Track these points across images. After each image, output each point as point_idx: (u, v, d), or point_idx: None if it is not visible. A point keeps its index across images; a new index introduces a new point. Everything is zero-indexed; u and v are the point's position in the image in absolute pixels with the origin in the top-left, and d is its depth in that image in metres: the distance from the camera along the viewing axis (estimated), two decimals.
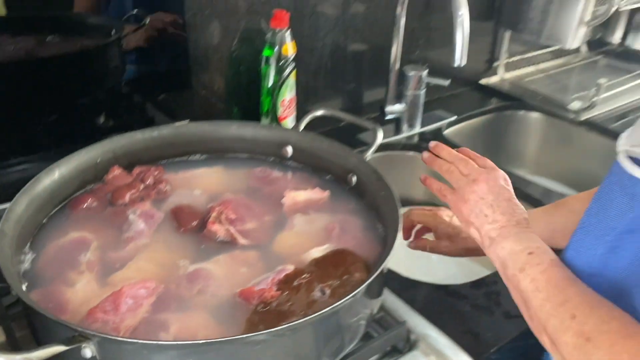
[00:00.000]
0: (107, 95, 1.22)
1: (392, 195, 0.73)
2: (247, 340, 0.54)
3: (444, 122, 1.42)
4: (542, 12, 1.46)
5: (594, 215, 0.71)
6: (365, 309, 0.67)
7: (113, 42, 1.17)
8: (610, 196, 0.69)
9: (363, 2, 1.32)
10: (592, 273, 0.69)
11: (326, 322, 0.60)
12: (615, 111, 1.55)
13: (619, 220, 0.67)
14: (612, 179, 0.70)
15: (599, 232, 0.69)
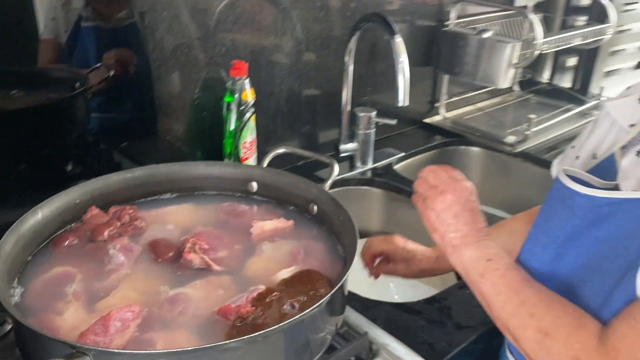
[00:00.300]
0: (74, 144, 1.27)
1: (350, 219, 0.82)
2: (226, 347, 0.61)
3: (393, 158, 1.54)
4: (475, 57, 1.61)
5: (540, 227, 0.81)
6: (330, 321, 0.75)
7: (78, 94, 1.23)
8: (553, 210, 0.79)
9: (314, 51, 1.44)
10: (542, 279, 0.77)
11: (295, 330, 0.67)
12: (546, 143, 1.71)
13: (561, 229, 0.77)
14: (553, 195, 0.80)
15: (545, 242, 0.79)
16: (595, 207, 0.73)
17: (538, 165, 1.60)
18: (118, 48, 1.23)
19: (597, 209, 0.72)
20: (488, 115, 1.85)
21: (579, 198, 0.74)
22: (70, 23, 1.18)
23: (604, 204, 0.72)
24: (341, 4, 1.44)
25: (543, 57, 2.10)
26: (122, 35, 1.23)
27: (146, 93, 1.25)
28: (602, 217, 0.72)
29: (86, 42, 1.22)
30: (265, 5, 1.31)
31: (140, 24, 1.19)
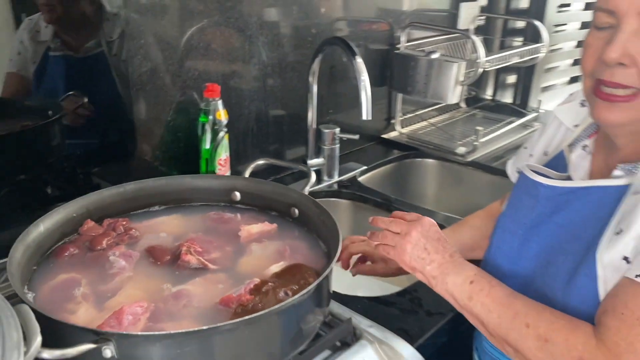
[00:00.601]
0: (52, 169, 1.31)
1: (331, 218, 0.92)
2: (231, 326, 0.69)
3: (357, 171, 1.65)
4: (425, 76, 1.75)
5: (508, 217, 0.92)
6: (318, 312, 0.83)
7: (52, 122, 1.27)
8: (519, 200, 0.90)
9: (279, 74, 1.54)
10: (511, 262, 0.89)
11: (291, 312, 0.75)
12: (493, 152, 1.86)
13: (527, 217, 0.88)
14: (519, 186, 0.92)
15: (513, 229, 0.89)
16: (556, 195, 0.84)
17: (487, 173, 1.74)
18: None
19: (557, 197, 0.84)
20: (440, 130, 2.00)
21: (542, 188, 0.85)
22: (39, 54, 1.23)
23: (563, 192, 0.84)
24: (302, 31, 1.56)
25: (486, 75, 2.28)
26: (91, 64, 1.28)
27: (121, 117, 1.31)
28: (561, 204, 0.84)
29: (55, 72, 1.26)
30: (232, 33, 1.41)
31: (108, 53, 1.26)
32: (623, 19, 0.74)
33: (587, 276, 0.76)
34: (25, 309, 0.59)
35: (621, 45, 0.73)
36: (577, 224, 0.81)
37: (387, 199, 1.51)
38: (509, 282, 0.85)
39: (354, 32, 1.74)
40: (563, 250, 0.82)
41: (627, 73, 0.75)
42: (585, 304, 0.77)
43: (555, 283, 0.81)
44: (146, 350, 0.67)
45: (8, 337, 0.53)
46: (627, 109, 0.76)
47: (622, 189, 0.77)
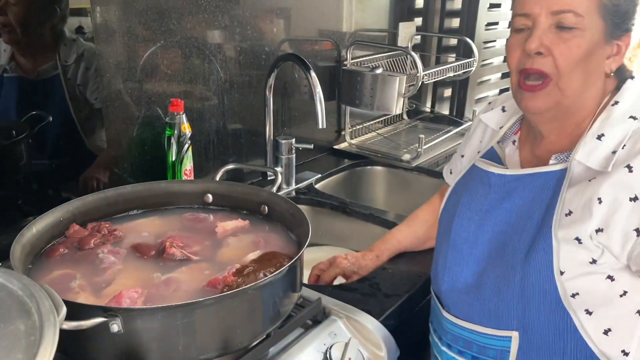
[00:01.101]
0: (20, 186, 1.36)
1: (299, 210, 1.04)
2: (225, 297, 0.80)
3: (313, 178, 1.77)
4: (370, 90, 1.90)
5: (465, 205, 1.03)
6: (292, 289, 0.94)
7: (17, 141, 1.32)
8: (474, 189, 1.03)
9: (237, 90, 1.65)
10: (470, 246, 1.02)
11: (268, 288, 0.86)
12: (435, 158, 2.04)
13: (482, 204, 1.00)
14: (473, 178, 1.04)
15: (470, 215, 1.02)
16: (505, 182, 0.98)
17: (430, 176, 1.91)
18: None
19: (506, 184, 0.97)
20: (386, 139, 2.15)
21: (493, 177, 0.99)
22: None
23: (511, 179, 0.97)
24: (257, 49, 1.68)
25: (425, 89, 2.47)
26: (45, 87, 1.31)
27: (74, 138, 1.36)
28: (510, 190, 0.97)
29: (9, 93, 1.28)
30: (193, 52, 1.51)
31: (63, 76, 1.32)
32: (537, 18, 0.90)
33: (543, 250, 0.90)
34: (47, 287, 0.67)
35: (538, 38, 0.89)
36: (525, 207, 0.95)
37: (342, 202, 1.64)
38: (470, 263, 1.01)
39: (303, 50, 1.87)
40: (517, 230, 0.95)
41: (544, 61, 0.90)
42: (542, 274, 0.90)
43: (513, 259, 0.94)
44: (149, 322, 0.76)
45: (42, 304, 0.61)
46: (545, 96, 0.92)
47: (559, 174, 0.92)
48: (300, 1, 1.80)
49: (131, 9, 1.34)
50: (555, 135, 0.99)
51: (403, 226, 1.36)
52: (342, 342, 0.96)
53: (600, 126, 0.92)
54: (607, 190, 0.86)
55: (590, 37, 0.88)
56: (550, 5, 0.88)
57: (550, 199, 0.92)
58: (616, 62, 0.94)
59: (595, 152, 0.90)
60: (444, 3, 2.38)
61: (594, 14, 0.88)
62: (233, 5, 1.57)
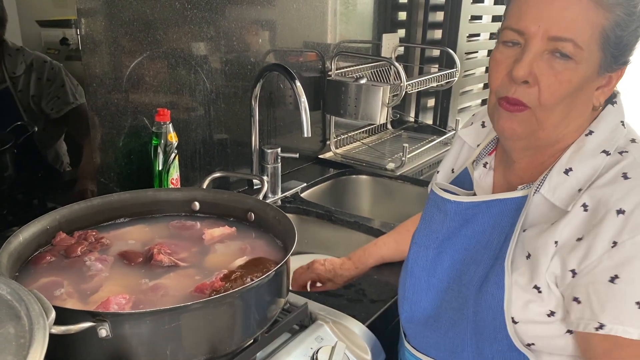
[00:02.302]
0: (5, 197, 1.36)
1: (285, 217, 1.05)
2: (212, 302, 0.80)
3: (298, 187, 1.79)
4: (355, 100, 1.93)
5: (422, 232, 0.97)
6: (278, 294, 0.95)
7: (5, 151, 1.33)
8: (431, 216, 0.96)
9: (223, 100, 1.67)
10: (429, 274, 0.95)
11: (255, 293, 0.87)
12: (419, 167, 2.06)
13: (439, 232, 0.94)
14: (430, 204, 0.98)
15: (427, 243, 0.95)
16: (463, 210, 0.91)
17: (415, 185, 1.93)
18: None
19: (464, 211, 0.91)
20: (371, 149, 2.18)
21: (449, 204, 0.92)
22: None
23: (468, 207, 0.90)
24: (243, 60, 1.70)
25: (408, 99, 2.51)
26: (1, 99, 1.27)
27: (31, 151, 1.34)
28: (468, 218, 0.90)
29: None
30: (179, 62, 1.53)
31: (13, 88, 1.27)
32: (531, 40, 0.79)
33: (495, 284, 0.84)
34: (35, 292, 0.67)
35: (528, 65, 0.79)
36: (484, 235, 0.89)
37: (328, 210, 1.66)
38: (429, 292, 0.95)
39: (288, 61, 1.90)
40: (474, 260, 0.89)
41: (529, 91, 0.80)
42: (492, 311, 0.85)
43: (468, 291, 0.89)
44: (137, 327, 0.77)
45: (32, 308, 0.62)
46: (522, 121, 0.83)
47: (519, 201, 0.86)
48: (285, 13, 1.83)
49: (117, 19, 1.35)
50: (526, 163, 0.92)
51: (389, 239, 1.34)
52: (329, 345, 0.97)
53: (569, 159, 0.85)
54: (562, 230, 0.80)
55: (585, 71, 0.79)
56: (549, 28, 0.78)
57: (509, 227, 0.87)
58: (605, 94, 0.85)
59: (561, 187, 0.83)
60: (426, 15, 2.42)
61: (593, 45, 0.78)
62: (219, 16, 1.59)
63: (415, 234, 1.00)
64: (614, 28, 0.77)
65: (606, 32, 0.77)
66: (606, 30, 0.77)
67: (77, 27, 1.30)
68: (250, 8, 1.70)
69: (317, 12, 1.97)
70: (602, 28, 0.77)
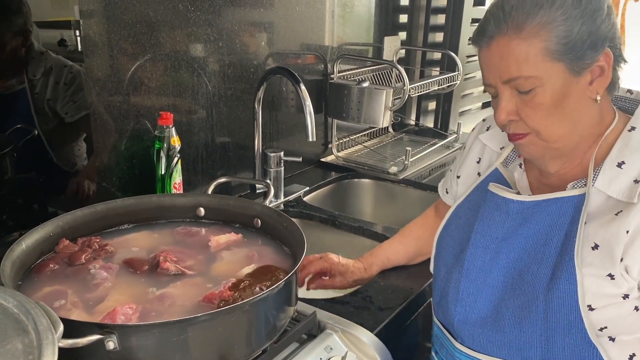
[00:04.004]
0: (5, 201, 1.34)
1: (293, 223, 1.03)
2: (222, 313, 0.79)
3: (301, 191, 1.77)
4: (357, 103, 1.91)
5: (480, 233, 0.97)
6: (288, 303, 0.94)
7: (5, 154, 1.30)
8: (490, 216, 0.97)
9: (225, 103, 1.65)
10: (485, 274, 0.96)
11: (264, 303, 0.85)
12: (422, 170, 2.05)
13: (498, 231, 0.95)
14: (488, 204, 0.97)
15: (486, 244, 0.96)
16: (524, 209, 0.93)
17: (417, 189, 1.92)
18: None
19: (525, 210, 0.93)
20: (373, 152, 2.16)
21: (512, 204, 0.94)
22: None
23: (530, 206, 0.92)
24: (245, 63, 1.68)
25: (410, 102, 2.50)
26: (10, 101, 1.26)
27: (38, 154, 1.31)
28: (527, 217, 0.92)
29: None
30: (182, 65, 1.51)
31: (30, 91, 1.26)
32: (498, 89, 0.88)
33: (566, 281, 0.86)
34: (42, 304, 0.65)
35: (504, 110, 0.88)
36: (542, 233, 0.91)
37: (331, 215, 1.64)
38: (484, 292, 0.96)
39: (290, 64, 1.88)
40: (535, 259, 0.91)
41: (518, 125, 0.89)
42: (566, 306, 0.86)
43: (535, 289, 0.89)
44: (145, 339, 0.75)
45: (39, 322, 0.60)
46: (531, 145, 0.90)
47: (577, 199, 0.89)
48: (288, 16, 1.81)
49: (120, 21, 1.33)
50: (564, 168, 0.95)
51: (395, 241, 1.34)
52: (339, 355, 0.95)
53: (619, 153, 0.88)
54: (633, 220, 0.82)
55: (553, 86, 0.84)
56: (500, 76, 0.86)
57: (568, 225, 0.89)
58: (601, 83, 0.88)
59: (616, 180, 0.87)
60: (428, 18, 2.41)
61: (545, 63, 0.83)
62: (221, 19, 1.57)
63: (473, 235, 0.99)
64: (557, 42, 0.82)
65: (551, 49, 0.82)
66: (550, 48, 0.82)
67: (77, 29, 1.28)
68: (253, 10, 1.68)
69: (319, 14, 1.95)
70: (545, 49, 0.82)
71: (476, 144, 1.13)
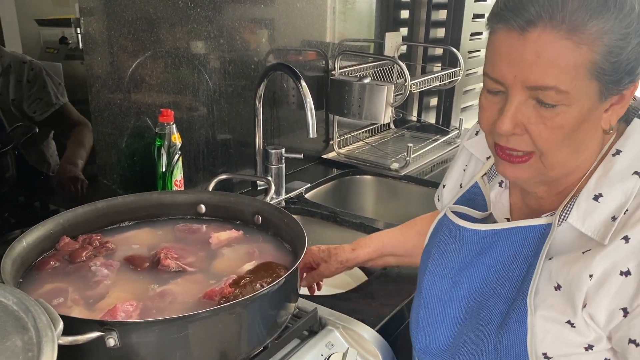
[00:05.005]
0: (6, 198, 1.34)
1: (294, 220, 1.03)
2: (224, 310, 0.78)
3: (302, 188, 1.77)
4: (359, 99, 1.91)
5: (436, 260, 0.90)
6: (288, 299, 0.93)
7: (3, 153, 1.30)
8: (445, 244, 0.89)
9: (226, 100, 1.65)
10: (443, 305, 0.89)
11: (265, 300, 0.85)
12: (423, 167, 2.04)
13: (454, 260, 0.86)
14: (444, 230, 0.89)
15: (442, 273, 0.88)
16: (480, 238, 0.83)
17: (419, 185, 1.92)
18: None
19: (482, 240, 0.83)
20: (374, 148, 2.16)
21: (466, 232, 0.84)
22: None
23: (487, 235, 0.82)
24: (245, 59, 1.68)
25: (411, 98, 2.49)
26: None
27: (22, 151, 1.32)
28: (486, 246, 0.82)
29: None
30: (182, 62, 1.51)
31: None
32: (510, 89, 0.72)
33: (517, 322, 0.77)
34: (42, 302, 0.65)
35: (511, 117, 0.72)
36: (505, 264, 0.82)
37: (332, 211, 1.64)
38: (444, 323, 0.89)
39: (291, 61, 1.87)
40: (494, 292, 0.82)
41: (521, 140, 0.74)
42: (514, 351, 0.78)
43: (488, 325, 0.82)
44: (146, 336, 0.75)
45: (39, 319, 0.60)
46: (527, 168, 0.77)
47: (543, 228, 0.78)
48: (288, 12, 1.81)
49: (120, 19, 1.32)
50: (546, 193, 0.84)
51: (396, 230, 1.26)
52: (340, 352, 0.95)
53: (597, 183, 0.76)
54: (599, 265, 0.71)
55: (579, 109, 0.71)
56: (526, 78, 0.70)
57: (532, 257, 0.79)
58: (617, 113, 0.75)
59: (592, 215, 0.75)
60: (429, 13, 2.40)
61: (583, 80, 0.69)
62: (222, 16, 1.57)
63: (429, 262, 0.91)
64: (606, 58, 0.68)
65: (597, 65, 0.68)
66: (596, 64, 0.68)
67: (78, 27, 1.28)
68: (254, 7, 1.68)
69: (320, 10, 1.95)
70: (590, 63, 0.68)
71: (463, 150, 1.02)
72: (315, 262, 1.25)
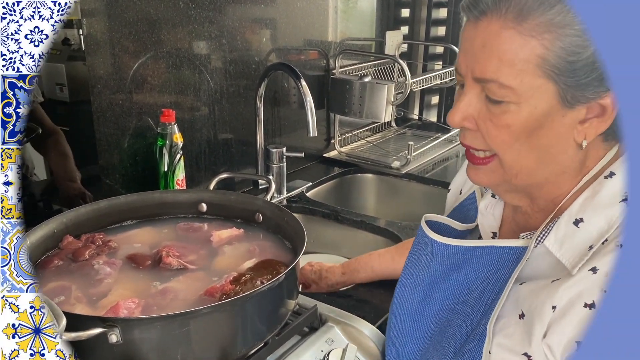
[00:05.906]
0: None
1: (294, 218, 1.04)
2: (223, 305, 0.80)
3: (304, 187, 1.78)
4: (359, 98, 1.92)
5: (408, 271, 0.87)
6: (289, 296, 0.95)
7: None
8: (417, 255, 0.85)
9: (227, 100, 1.66)
10: (414, 319, 0.85)
11: (266, 296, 0.86)
12: (424, 165, 2.05)
13: (424, 273, 0.82)
14: (418, 241, 0.86)
15: (413, 285, 0.84)
16: (451, 254, 0.78)
17: (420, 183, 1.92)
18: None
19: (452, 255, 0.78)
20: (375, 147, 2.17)
21: (436, 245, 0.79)
22: None
23: (458, 251, 0.78)
24: (246, 59, 1.69)
25: (412, 97, 2.50)
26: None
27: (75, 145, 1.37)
28: (458, 262, 0.78)
29: None
30: (184, 62, 1.52)
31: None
32: (465, 81, 0.69)
33: (474, 348, 0.73)
34: (46, 298, 0.67)
35: (462, 109, 0.69)
36: (477, 284, 0.77)
37: (334, 210, 1.65)
38: (415, 337, 0.86)
39: (292, 60, 1.88)
40: (462, 312, 0.78)
41: (474, 137, 0.71)
42: None
43: (450, 346, 0.78)
44: (148, 332, 0.76)
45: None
46: (489, 172, 0.74)
47: (520, 251, 0.74)
48: (289, 11, 1.82)
49: (121, 20, 1.34)
50: (530, 208, 0.80)
51: (387, 254, 1.22)
52: (340, 348, 0.96)
53: (581, 206, 0.70)
54: (564, 295, 0.66)
55: (532, 109, 0.66)
56: (473, 68, 0.67)
57: (504, 280, 0.74)
58: (596, 127, 0.68)
59: (569, 241, 0.69)
60: (430, 12, 2.41)
61: (532, 77, 0.64)
62: (223, 16, 1.58)
63: (402, 272, 0.89)
64: (560, 55, 0.63)
65: (548, 62, 0.63)
66: (547, 60, 0.63)
67: (80, 28, 1.29)
68: (254, 6, 1.69)
69: (321, 9, 1.96)
70: (539, 58, 0.63)
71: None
72: (307, 282, 1.27)
